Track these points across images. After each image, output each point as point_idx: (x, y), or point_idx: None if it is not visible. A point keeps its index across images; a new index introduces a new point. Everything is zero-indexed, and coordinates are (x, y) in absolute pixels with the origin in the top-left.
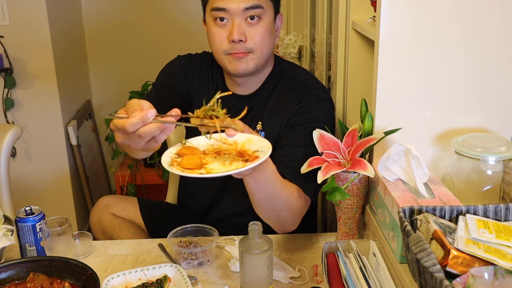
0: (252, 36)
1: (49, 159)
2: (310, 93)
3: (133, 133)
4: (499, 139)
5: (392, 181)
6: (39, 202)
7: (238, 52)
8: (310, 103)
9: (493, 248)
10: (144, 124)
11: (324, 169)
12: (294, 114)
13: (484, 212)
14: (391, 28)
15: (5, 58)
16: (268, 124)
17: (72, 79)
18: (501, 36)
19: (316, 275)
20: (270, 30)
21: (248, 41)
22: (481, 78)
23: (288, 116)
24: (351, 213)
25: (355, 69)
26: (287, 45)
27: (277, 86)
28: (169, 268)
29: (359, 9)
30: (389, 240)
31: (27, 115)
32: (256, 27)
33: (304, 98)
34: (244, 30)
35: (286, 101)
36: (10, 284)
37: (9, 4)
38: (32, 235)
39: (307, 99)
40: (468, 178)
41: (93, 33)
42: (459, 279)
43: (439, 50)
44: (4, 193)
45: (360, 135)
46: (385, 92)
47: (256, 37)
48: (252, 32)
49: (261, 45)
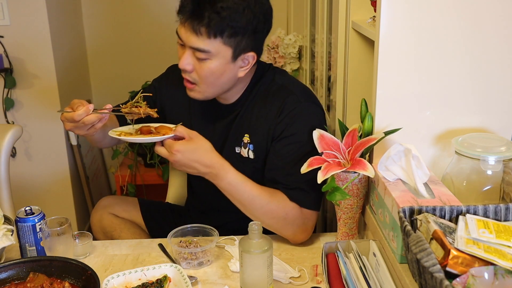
0: (198, 70)
1: (49, 159)
2: (290, 100)
3: (79, 122)
4: (499, 139)
5: (392, 181)
6: (39, 202)
7: (185, 78)
8: (292, 113)
9: (493, 248)
10: (87, 114)
11: (324, 169)
12: (278, 126)
13: (484, 212)
14: (391, 28)
15: (5, 58)
16: (255, 137)
17: (72, 79)
18: (501, 36)
19: (316, 275)
20: (218, 70)
21: (193, 73)
22: (481, 78)
23: (273, 128)
24: (351, 213)
25: (355, 69)
26: (287, 45)
27: (258, 95)
28: (169, 268)
29: (359, 9)
30: (389, 240)
31: (27, 115)
32: (203, 64)
33: (285, 107)
34: (191, 61)
35: (269, 111)
36: (10, 284)
37: (9, 4)
38: (32, 235)
39: (288, 107)
40: (468, 178)
41: (93, 33)
42: (459, 279)
43: (439, 50)
44: (4, 193)
45: (360, 135)
46: (385, 92)
47: (201, 72)
48: (198, 66)
49: (205, 81)
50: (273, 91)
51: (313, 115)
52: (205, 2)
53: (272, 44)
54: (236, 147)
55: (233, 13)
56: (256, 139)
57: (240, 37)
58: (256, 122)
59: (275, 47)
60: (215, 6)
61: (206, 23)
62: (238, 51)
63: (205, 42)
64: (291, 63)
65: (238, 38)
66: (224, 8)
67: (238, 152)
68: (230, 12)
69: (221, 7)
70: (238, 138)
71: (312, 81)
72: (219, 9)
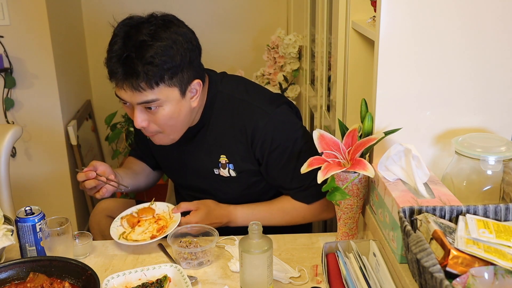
0: (154, 120)
1: (49, 159)
2: (257, 117)
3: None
4: (499, 139)
5: (392, 181)
6: (39, 202)
7: (147, 135)
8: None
9: (493, 248)
10: (87, 179)
11: (324, 169)
12: (258, 149)
13: (484, 212)
14: (391, 28)
15: (5, 58)
16: (233, 158)
17: (72, 79)
18: (501, 35)
19: (316, 275)
20: (174, 112)
21: (151, 125)
22: (481, 78)
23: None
24: (351, 213)
25: (355, 69)
26: (287, 45)
27: (222, 113)
28: (169, 268)
29: (359, 9)
30: (389, 240)
31: (27, 115)
32: (157, 114)
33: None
34: (145, 117)
35: (239, 132)
36: (10, 284)
37: (9, 4)
38: (32, 235)
39: (259, 126)
40: (468, 178)
41: (93, 33)
42: (459, 279)
43: (439, 50)
44: (4, 193)
45: (360, 135)
46: (385, 92)
47: (159, 121)
48: (153, 118)
49: (165, 128)
50: (237, 108)
51: (285, 119)
52: (132, 59)
53: (272, 44)
54: (214, 169)
55: (164, 57)
56: (235, 160)
57: (181, 73)
58: (230, 143)
59: (275, 47)
60: (144, 58)
61: (143, 77)
62: (184, 86)
63: (150, 93)
64: (291, 63)
65: (179, 76)
66: (154, 56)
67: (217, 173)
68: (161, 57)
69: (151, 56)
70: (213, 160)
71: (312, 81)
72: (149, 59)
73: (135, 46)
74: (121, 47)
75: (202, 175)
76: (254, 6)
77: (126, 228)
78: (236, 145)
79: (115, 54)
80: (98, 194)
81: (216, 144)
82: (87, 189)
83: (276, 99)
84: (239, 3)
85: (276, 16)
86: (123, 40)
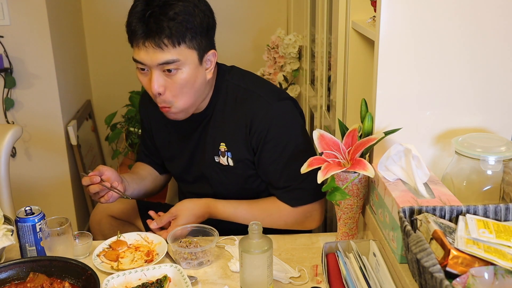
0: (170, 87)
1: (49, 159)
2: (259, 105)
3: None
4: (499, 139)
5: (392, 181)
6: (39, 202)
7: (160, 105)
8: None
9: (493, 248)
10: (92, 183)
11: (324, 169)
12: (254, 138)
13: (484, 212)
14: (391, 28)
15: (5, 58)
16: (232, 146)
17: (72, 79)
18: (501, 36)
19: (316, 275)
20: (191, 77)
21: (166, 93)
22: (481, 78)
23: (249, 140)
24: (351, 213)
25: (355, 69)
26: (287, 45)
27: (227, 98)
28: (169, 268)
29: (359, 9)
30: (389, 240)
31: (27, 115)
32: (174, 78)
33: (256, 114)
34: (162, 82)
35: (240, 119)
36: (10, 284)
37: (9, 4)
38: (32, 235)
39: (259, 113)
40: (468, 178)
41: (93, 33)
42: (459, 279)
43: (439, 50)
44: (4, 193)
45: (360, 135)
46: (385, 92)
47: (175, 87)
48: (170, 83)
49: (179, 96)
50: (241, 97)
51: (286, 113)
52: (157, 16)
53: (272, 44)
54: (215, 157)
55: (187, 16)
56: (234, 148)
57: (199, 37)
58: (230, 131)
59: (275, 47)
60: (168, 15)
61: (168, 33)
62: (202, 52)
63: (172, 52)
64: (291, 63)
65: (198, 39)
66: (178, 13)
67: (218, 161)
68: (185, 15)
69: (175, 13)
70: (215, 148)
71: (312, 81)
72: (173, 15)
73: (158, 5)
74: (144, 7)
75: (204, 164)
76: (254, 6)
77: (110, 262)
78: (236, 132)
79: (138, 14)
80: (103, 199)
81: (218, 131)
82: (91, 194)
83: (282, 93)
84: (239, 3)
85: (276, 16)
86: (146, 1)
